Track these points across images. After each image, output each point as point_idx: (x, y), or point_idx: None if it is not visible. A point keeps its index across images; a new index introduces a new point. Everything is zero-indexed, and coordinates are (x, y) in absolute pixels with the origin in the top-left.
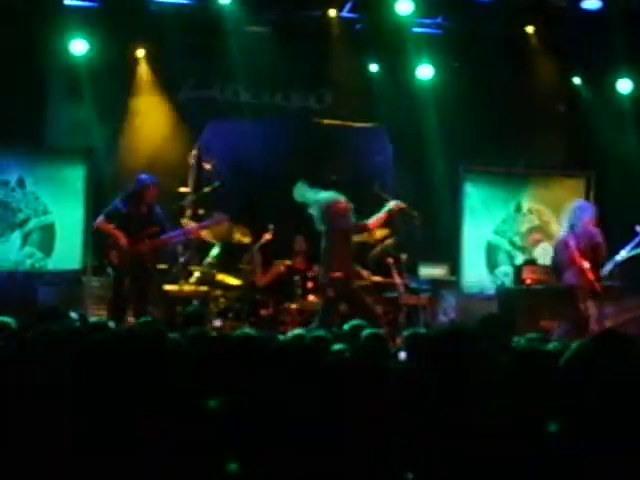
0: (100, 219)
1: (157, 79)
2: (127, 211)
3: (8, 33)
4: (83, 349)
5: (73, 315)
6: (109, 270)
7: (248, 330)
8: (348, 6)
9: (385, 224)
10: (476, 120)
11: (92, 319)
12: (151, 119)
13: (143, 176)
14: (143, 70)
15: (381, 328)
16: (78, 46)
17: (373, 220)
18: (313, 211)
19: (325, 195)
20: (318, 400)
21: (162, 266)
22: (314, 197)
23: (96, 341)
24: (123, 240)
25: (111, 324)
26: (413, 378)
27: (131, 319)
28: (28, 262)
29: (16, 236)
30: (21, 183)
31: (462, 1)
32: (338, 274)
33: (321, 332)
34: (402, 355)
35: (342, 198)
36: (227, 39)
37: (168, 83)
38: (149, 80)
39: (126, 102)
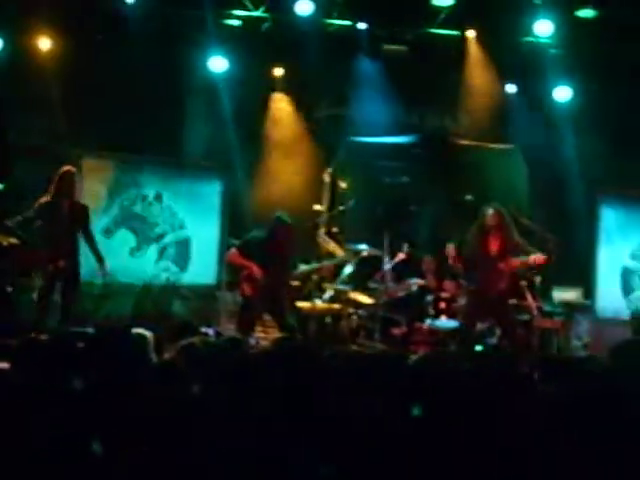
0: (232, 252)
1: (293, 98)
2: (262, 246)
3: (150, 50)
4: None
5: (209, 331)
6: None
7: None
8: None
9: None
10: (613, 143)
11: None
12: (285, 137)
13: (277, 215)
14: (279, 90)
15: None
16: (217, 63)
17: None
18: None
19: None
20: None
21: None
22: None
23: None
24: (257, 271)
25: (251, 340)
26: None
27: (260, 334)
28: (164, 276)
29: (153, 250)
30: (159, 198)
31: (601, 23)
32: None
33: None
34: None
35: None
36: (364, 58)
37: (304, 101)
38: (284, 100)
39: (263, 120)
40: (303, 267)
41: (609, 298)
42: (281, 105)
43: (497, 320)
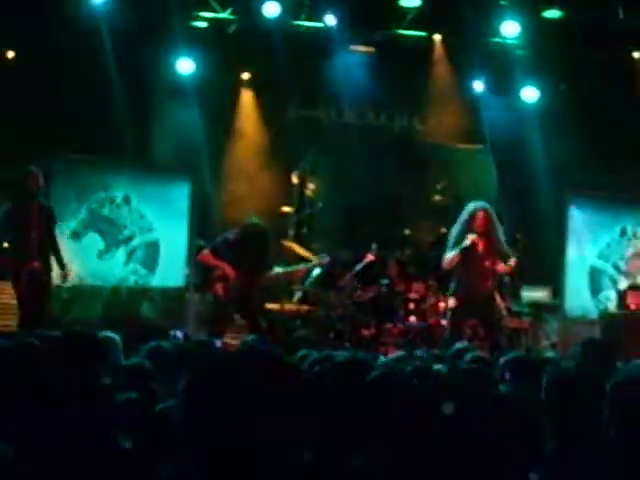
0: (205, 252)
1: (261, 101)
2: (235, 249)
3: (117, 52)
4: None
5: (178, 334)
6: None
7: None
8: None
9: None
10: (581, 143)
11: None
12: (254, 139)
13: (252, 221)
14: (247, 93)
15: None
16: (185, 65)
17: None
18: None
19: None
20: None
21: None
22: None
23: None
24: (229, 271)
25: (218, 343)
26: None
27: (231, 341)
28: (132, 278)
29: (121, 252)
30: (127, 200)
31: (567, 23)
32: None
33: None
34: (506, 376)
35: None
36: (332, 59)
37: (273, 103)
38: (252, 103)
39: (230, 122)
40: (277, 269)
41: (577, 298)
42: (249, 107)
43: (482, 320)
